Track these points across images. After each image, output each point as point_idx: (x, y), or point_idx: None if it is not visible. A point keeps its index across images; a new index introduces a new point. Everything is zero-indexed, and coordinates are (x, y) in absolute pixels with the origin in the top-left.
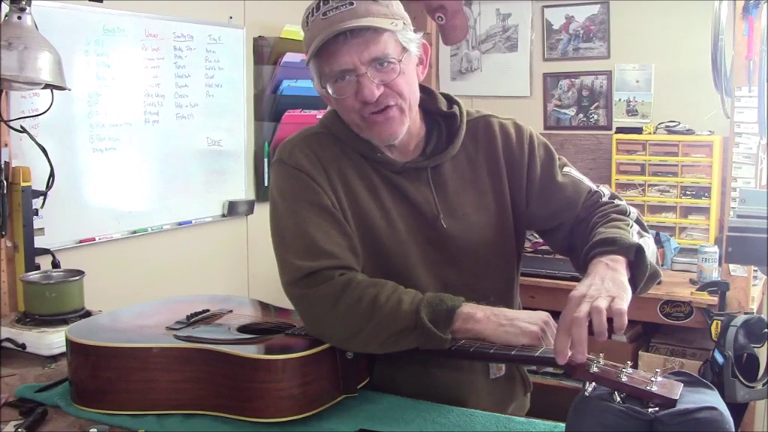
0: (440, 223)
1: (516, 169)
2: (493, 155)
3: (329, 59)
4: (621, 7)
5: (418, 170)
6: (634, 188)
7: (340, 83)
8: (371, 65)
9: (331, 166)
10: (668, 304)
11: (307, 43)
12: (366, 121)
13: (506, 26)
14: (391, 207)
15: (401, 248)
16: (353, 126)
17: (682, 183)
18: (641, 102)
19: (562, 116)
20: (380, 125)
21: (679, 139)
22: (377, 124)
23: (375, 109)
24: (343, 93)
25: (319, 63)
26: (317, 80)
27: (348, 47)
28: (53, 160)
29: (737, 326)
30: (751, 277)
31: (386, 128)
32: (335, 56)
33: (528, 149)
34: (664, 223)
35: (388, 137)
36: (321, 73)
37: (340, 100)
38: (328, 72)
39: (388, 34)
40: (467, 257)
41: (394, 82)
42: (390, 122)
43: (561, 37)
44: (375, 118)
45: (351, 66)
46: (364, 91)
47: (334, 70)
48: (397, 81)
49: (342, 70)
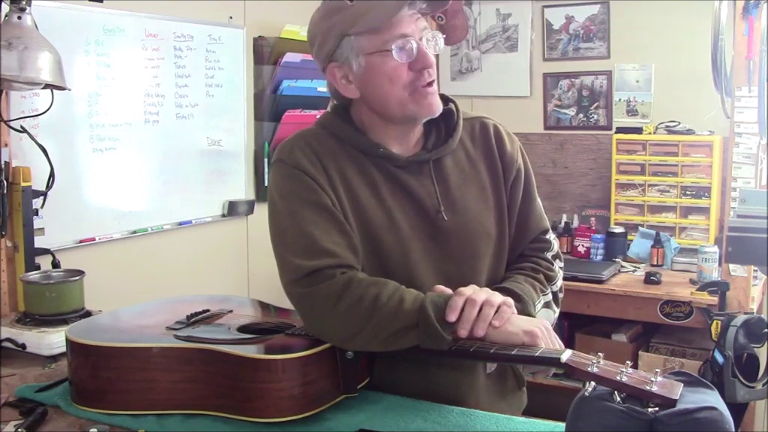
0: (441, 216)
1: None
2: (490, 153)
3: (390, 28)
4: (621, 7)
5: (420, 164)
6: (634, 188)
7: (396, 53)
8: (422, 37)
9: (331, 164)
10: (668, 304)
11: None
12: (415, 93)
13: (506, 26)
14: (392, 204)
15: (402, 245)
16: (395, 103)
17: (682, 183)
18: (641, 102)
19: (562, 116)
20: (430, 96)
21: (679, 139)
22: (428, 95)
23: (429, 79)
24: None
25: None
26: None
27: (408, 16)
28: (53, 160)
29: (737, 326)
30: (751, 277)
31: (434, 100)
32: (398, 23)
33: (519, 159)
34: (664, 223)
35: (435, 108)
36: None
37: (392, 70)
38: (386, 38)
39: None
40: (467, 252)
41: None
42: (435, 95)
43: (561, 37)
44: (427, 90)
45: (411, 32)
46: (427, 57)
47: (394, 36)
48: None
49: (405, 34)
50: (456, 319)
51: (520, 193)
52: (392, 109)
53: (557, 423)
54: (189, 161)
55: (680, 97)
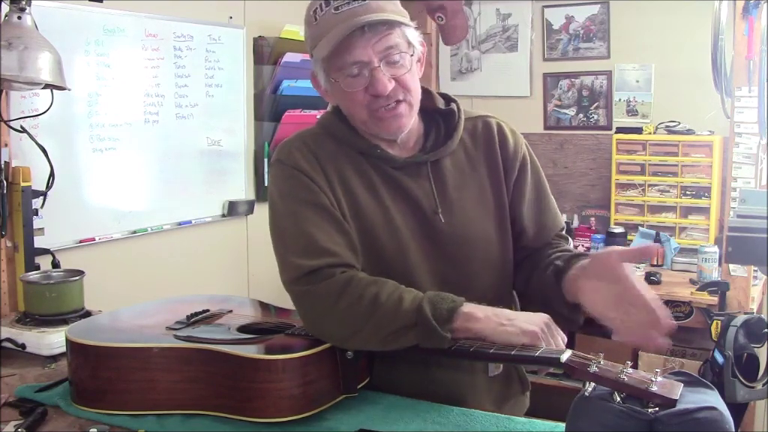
0: (438, 218)
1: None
2: (492, 153)
3: (342, 53)
4: (621, 7)
5: (418, 165)
6: (634, 188)
7: (351, 78)
8: (383, 60)
9: (329, 165)
10: (668, 304)
11: (313, 37)
12: (375, 115)
13: (506, 26)
14: (390, 204)
15: (399, 246)
16: (359, 122)
17: (682, 183)
18: (641, 102)
19: (562, 116)
20: (391, 119)
21: (679, 139)
22: (388, 119)
23: (386, 103)
24: (353, 87)
25: (329, 57)
26: (323, 76)
27: (363, 41)
28: (53, 160)
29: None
30: (751, 277)
31: (395, 122)
32: (349, 49)
33: (523, 156)
34: (664, 223)
35: (396, 130)
36: (330, 67)
37: (349, 95)
38: (340, 65)
39: (398, 29)
40: (465, 253)
41: (403, 78)
42: (399, 117)
43: (561, 37)
44: (384, 114)
45: (366, 59)
46: (377, 85)
47: (347, 62)
48: (406, 77)
49: (356, 62)
50: None
51: (525, 189)
52: (358, 126)
53: (557, 423)
54: (189, 161)
55: (680, 97)
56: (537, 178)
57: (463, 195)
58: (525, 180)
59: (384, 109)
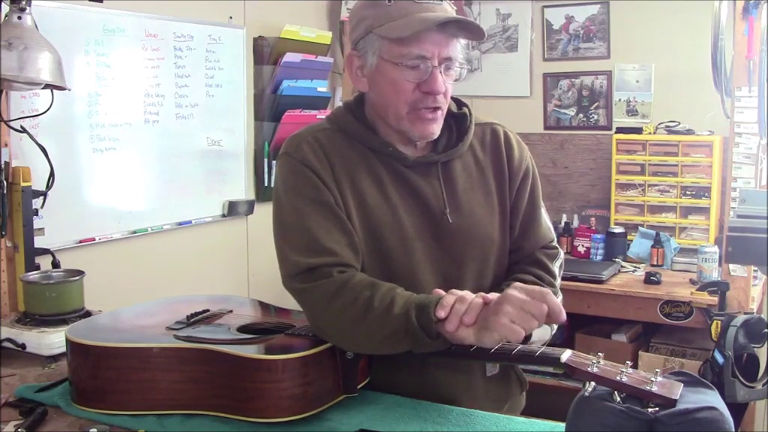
0: (446, 218)
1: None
2: (499, 161)
3: (411, 42)
4: (621, 7)
5: (428, 165)
6: (634, 188)
7: (409, 69)
8: (443, 63)
9: (338, 161)
10: (668, 304)
11: (380, 17)
12: (416, 113)
13: (506, 26)
14: (398, 203)
15: (405, 244)
16: (393, 116)
17: (682, 183)
18: (641, 102)
19: (562, 116)
20: (428, 122)
21: (679, 139)
22: (426, 120)
23: (432, 104)
24: (407, 78)
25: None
26: (374, 56)
27: (436, 37)
28: (53, 160)
29: (737, 326)
30: (751, 277)
31: (430, 126)
32: (419, 42)
33: (525, 167)
34: (664, 223)
35: (429, 134)
36: (391, 51)
37: (398, 84)
38: (405, 53)
39: (459, 43)
40: (469, 255)
41: (449, 87)
42: (435, 122)
43: (561, 37)
44: (426, 114)
45: (430, 55)
46: (436, 83)
47: (413, 53)
48: (451, 87)
49: (422, 56)
50: (446, 315)
51: (525, 198)
52: (389, 117)
53: (557, 423)
54: (189, 161)
55: (680, 97)
56: (534, 193)
57: (471, 197)
58: (524, 192)
59: (426, 110)
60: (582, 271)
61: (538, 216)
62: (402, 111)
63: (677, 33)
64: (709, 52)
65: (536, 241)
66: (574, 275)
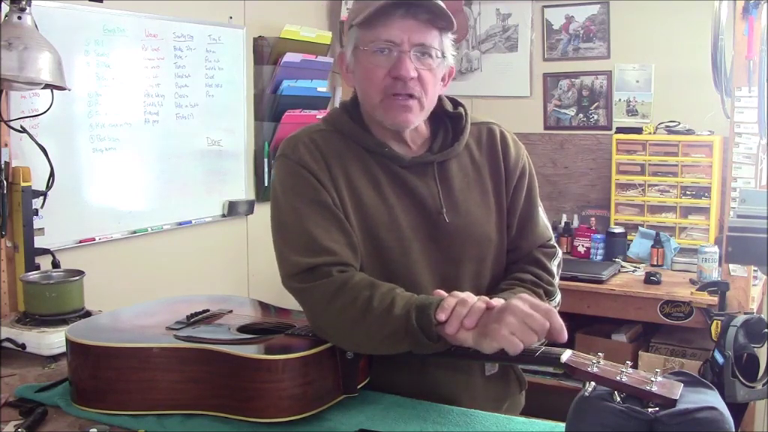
0: (443, 218)
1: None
2: (495, 160)
3: (378, 27)
4: (621, 7)
5: (424, 165)
6: (634, 188)
7: (378, 55)
8: (414, 49)
9: (335, 162)
10: (668, 304)
11: (357, 9)
12: (387, 100)
13: (506, 26)
14: (394, 203)
15: (402, 244)
16: (369, 106)
17: (682, 183)
18: (641, 102)
19: (562, 116)
20: (401, 109)
21: (679, 139)
22: (398, 108)
23: (402, 90)
24: (378, 63)
25: (364, 29)
26: (351, 48)
27: (403, 23)
28: (53, 160)
29: (737, 326)
30: (751, 277)
31: (402, 114)
32: (387, 26)
33: (523, 165)
34: (664, 223)
35: (401, 122)
36: (362, 38)
37: (370, 71)
38: (373, 38)
39: (437, 32)
40: (466, 254)
41: (425, 75)
42: (408, 110)
43: (561, 37)
44: (396, 101)
45: (399, 41)
46: (402, 66)
47: (380, 38)
48: (428, 75)
49: (389, 40)
50: (446, 318)
51: (522, 197)
52: (368, 107)
53: (557, 423)
54: (189, 161)
55: (680, 97)
56: (531, 191)
57: (467, 197)
58: (521, 191)
59: (397, 97)
60: (582, 271)
61: (536, 215)
62: (376, 98)
63: (677, 33)
64: (709, 52)
65: (534, 240)
66: (574, 275)
